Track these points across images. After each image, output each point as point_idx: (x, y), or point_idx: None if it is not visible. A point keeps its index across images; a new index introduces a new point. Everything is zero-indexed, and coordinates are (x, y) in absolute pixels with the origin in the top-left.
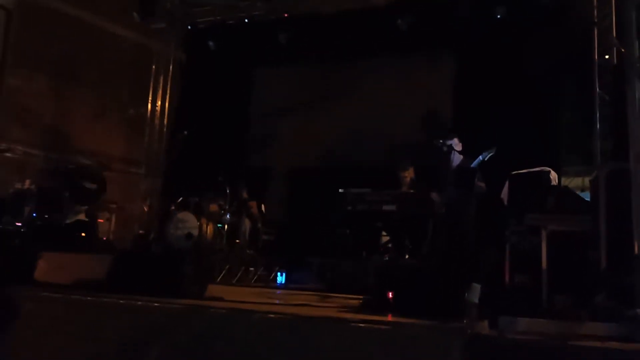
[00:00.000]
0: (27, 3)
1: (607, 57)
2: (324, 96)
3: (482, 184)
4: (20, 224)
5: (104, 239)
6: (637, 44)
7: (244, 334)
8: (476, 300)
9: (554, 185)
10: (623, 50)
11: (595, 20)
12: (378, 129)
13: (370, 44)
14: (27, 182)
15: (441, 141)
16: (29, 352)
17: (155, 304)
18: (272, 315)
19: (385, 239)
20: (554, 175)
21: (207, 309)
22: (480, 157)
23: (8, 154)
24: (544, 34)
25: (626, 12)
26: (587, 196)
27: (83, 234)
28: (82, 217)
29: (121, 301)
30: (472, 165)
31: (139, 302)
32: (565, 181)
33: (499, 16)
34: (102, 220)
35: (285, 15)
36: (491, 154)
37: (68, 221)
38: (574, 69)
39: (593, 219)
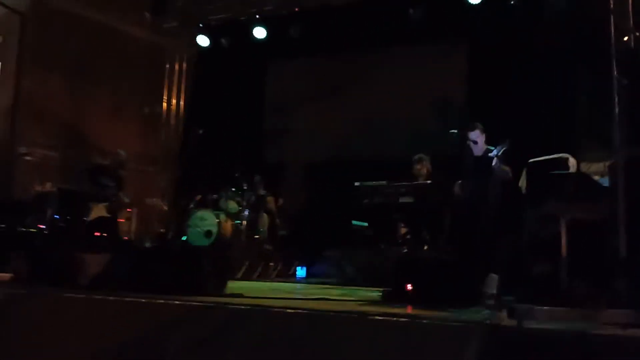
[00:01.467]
0: (41, 6)
1: (625, 39)
2: (338, 88)
3: (508, 168)
4: (42, 226)
5: (125, 238)
6: None
7: (263, 329)
8: (495, 291)
9: (572, 172)
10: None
11: (611, 6)
12: (394, 119)
13: (383, 34)
14: (48, 184)
15: (456, 131)
16: (51, 352)
17: (175, 302)
18: (290, 311)
19: (403, 231)
20: (572, 161)
21: (227, 305)
22: (495, 152)
23: (28, 157)
24: (559, 19)
25: None
26: (606, 181)
27: (105, 234)
28: (103, 213)
29: (142, 300)
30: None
31: (160, 300)
32: (584, 167)
33: (512, 3)
34: (122, 220)
35: (296, 9)
36: (504, 148)
37: (89, 220)
38: (590, 53)
39: (612, 205)
